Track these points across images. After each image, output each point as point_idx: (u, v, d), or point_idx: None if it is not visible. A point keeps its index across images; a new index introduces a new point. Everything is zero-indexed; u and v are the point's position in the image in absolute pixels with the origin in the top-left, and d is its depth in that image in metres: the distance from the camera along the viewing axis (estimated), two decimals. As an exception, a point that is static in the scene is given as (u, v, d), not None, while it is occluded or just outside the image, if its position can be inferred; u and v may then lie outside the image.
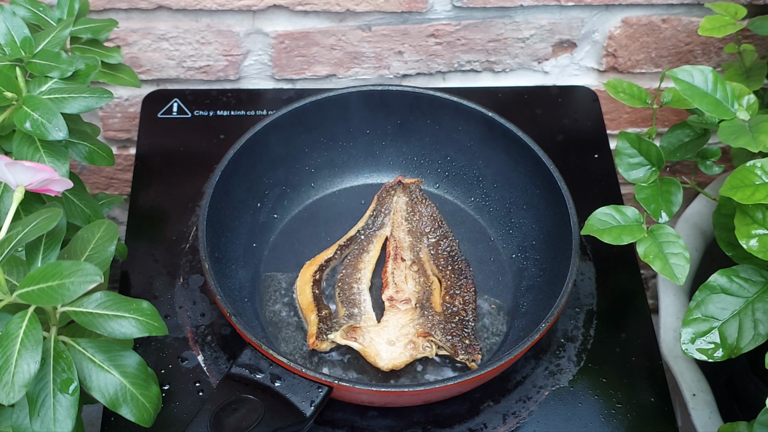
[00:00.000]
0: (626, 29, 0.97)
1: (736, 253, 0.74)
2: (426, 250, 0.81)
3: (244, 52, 0.95)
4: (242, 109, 0.93)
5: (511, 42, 0.97)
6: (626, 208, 0.74)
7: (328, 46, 0.95)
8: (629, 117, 1.05)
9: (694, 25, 0.96)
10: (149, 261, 0.81)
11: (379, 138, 0.87)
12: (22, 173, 0.60)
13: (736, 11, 0.81)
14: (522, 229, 0.83)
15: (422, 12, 0.93)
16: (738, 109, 0.72)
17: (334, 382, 0.65)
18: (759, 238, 0.68)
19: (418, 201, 0.84)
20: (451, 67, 0.99)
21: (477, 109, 0.82)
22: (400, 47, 0.96)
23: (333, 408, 0.72)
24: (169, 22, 0.92)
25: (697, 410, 0.81)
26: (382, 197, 0.84)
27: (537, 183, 0.80)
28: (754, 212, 0.68)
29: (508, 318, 0.78)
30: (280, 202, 0.84)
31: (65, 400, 0.58)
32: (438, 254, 0.81)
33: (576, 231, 0.74)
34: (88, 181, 1.06)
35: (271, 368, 0.67)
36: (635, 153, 0.77)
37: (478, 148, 0.85)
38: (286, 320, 0.77)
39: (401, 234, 0.82)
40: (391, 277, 0.78)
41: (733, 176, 0.69)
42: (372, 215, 0.83)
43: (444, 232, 0.82)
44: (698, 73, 0.72)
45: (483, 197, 0.86)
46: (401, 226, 0.82)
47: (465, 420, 0.73)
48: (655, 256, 0.71)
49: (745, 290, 0.70)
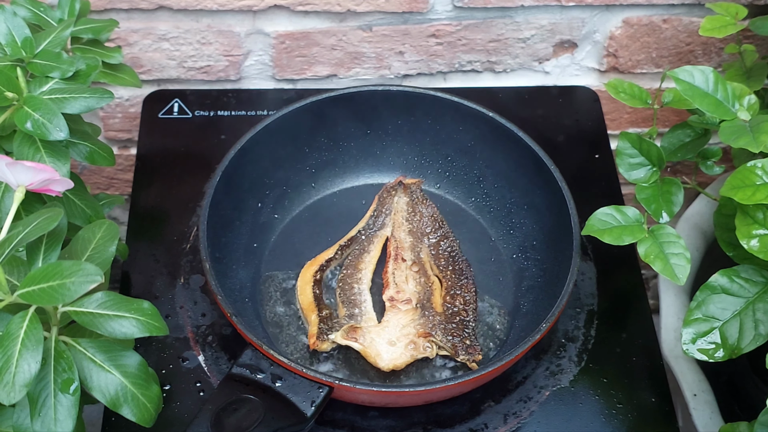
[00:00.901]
0: (627, 29, 0.97)
1: (737, 254, 0.74)
2: (427, 251, 0.81)
3: (244, 52, 0.95)
4: (243, 110, 0.93)
5: (511, 42, 0.97)
6: (627, 209, 0.74)
7: (329, 46, 0.95)
8: (630, 117, 1.05)
9: (694, 25, 0.96)
10: (150, 261, 0.81)
11: (379, 138, 0.86)
12: (22, 173, 0.60)
13: (736, 11, 0.81)
14: (523, 230, 0.83)
15: (423, 12, 0.93)
16: (739, 110, 0.72)
17: (334, 383, 0.65)
18: (760, 239, 0.68)
19: (418, 201, 0.84)
20: (452, 68, 0.99)
21: (478, 109, 0.82)
22: (400, 47, 0.96)
23: (334, 408, 0.72)
24: (169, 23, 0.92)
25: (698, 410, 0.81)
26: (383, 197, 0.84)
27: (538, 183, 0.80)
28: (755, 212, 0.68)
29: (509, 318, 0.78)
30: (281, 202, 0.84)
31: (66, 400, 0.58)
32: (438, 254, 0.81)
33: (577, 231, 0.74)
34: (89, 181, 1.06)
35: (271, 368, 0.67)
36: (636, 153, 0.76)
37: (479, 149, 0.85)
38: (286, 320, 0.77)
39: (402, 234, 0.81)
40: (392, 277, 0.78)
41: (733, 176, 0.68)
42: (373, 215, 0.83)
43: (445, 233, 0.82)
44: (699, 73, 0.72)
45: (484, 197, 0.86)
46: (402, 227, 0.82)
47: (466, 420, 0.73)
48: (655, 257, 0.71)
49: (745, 290, 0.70)
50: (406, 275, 0.78)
